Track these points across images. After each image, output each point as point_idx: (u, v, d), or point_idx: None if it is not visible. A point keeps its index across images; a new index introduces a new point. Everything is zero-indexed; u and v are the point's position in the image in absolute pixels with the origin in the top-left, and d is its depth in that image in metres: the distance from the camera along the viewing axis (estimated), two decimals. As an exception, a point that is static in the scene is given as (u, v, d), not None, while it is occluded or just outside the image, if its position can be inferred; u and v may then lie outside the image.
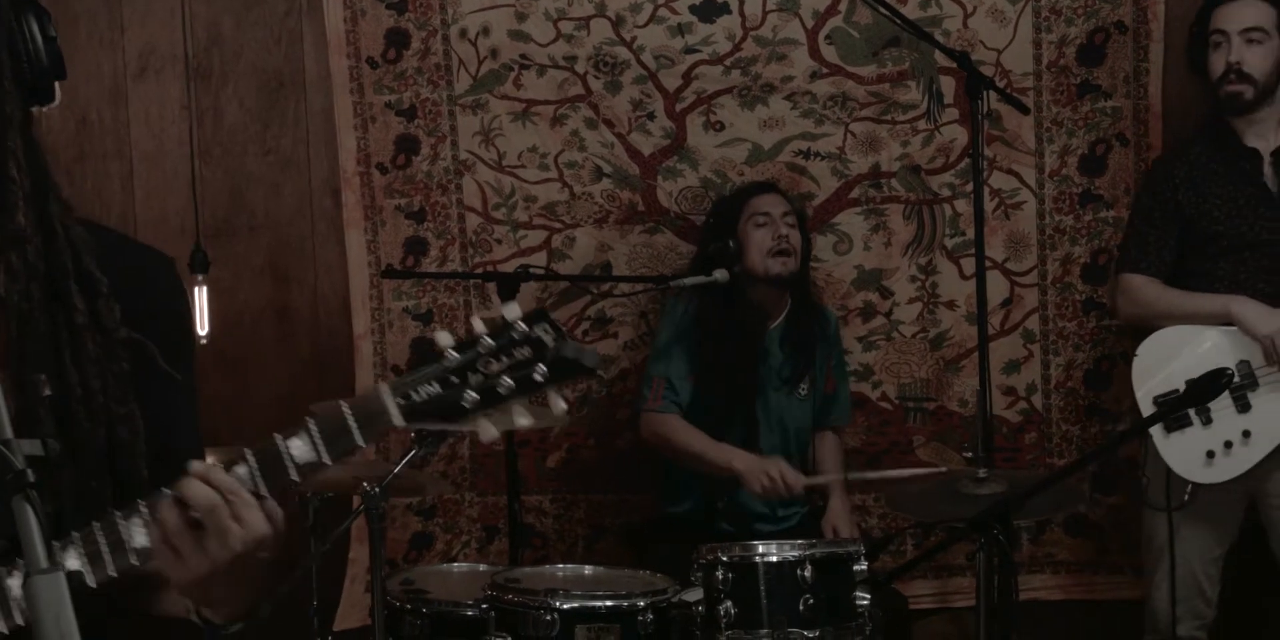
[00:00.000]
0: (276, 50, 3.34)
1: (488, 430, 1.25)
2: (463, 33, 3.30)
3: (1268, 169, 2.86)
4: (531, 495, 3.34)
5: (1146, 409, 2.84)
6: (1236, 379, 2.76)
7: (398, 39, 3.31)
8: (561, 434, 3.35)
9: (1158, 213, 2.92)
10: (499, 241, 3.34)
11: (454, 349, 1.22)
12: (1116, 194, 3.27)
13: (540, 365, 1.23)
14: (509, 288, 2.97)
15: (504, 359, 1.22)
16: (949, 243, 3.31)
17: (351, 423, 1.21)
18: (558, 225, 3.35)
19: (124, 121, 3.33)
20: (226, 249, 3.32)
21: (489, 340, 1.22)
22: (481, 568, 2.68)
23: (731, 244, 2.96)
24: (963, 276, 3.28)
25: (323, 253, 3.37)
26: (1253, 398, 2.78)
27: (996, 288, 3.28)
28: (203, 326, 3.06)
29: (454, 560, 3.25)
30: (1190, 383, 2.09)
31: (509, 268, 3.26)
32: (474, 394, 1.21)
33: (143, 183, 3.35)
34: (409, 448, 2.39)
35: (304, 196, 3.37)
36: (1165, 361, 2.84)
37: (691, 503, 3.05)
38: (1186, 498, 2.79)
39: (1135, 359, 2.90)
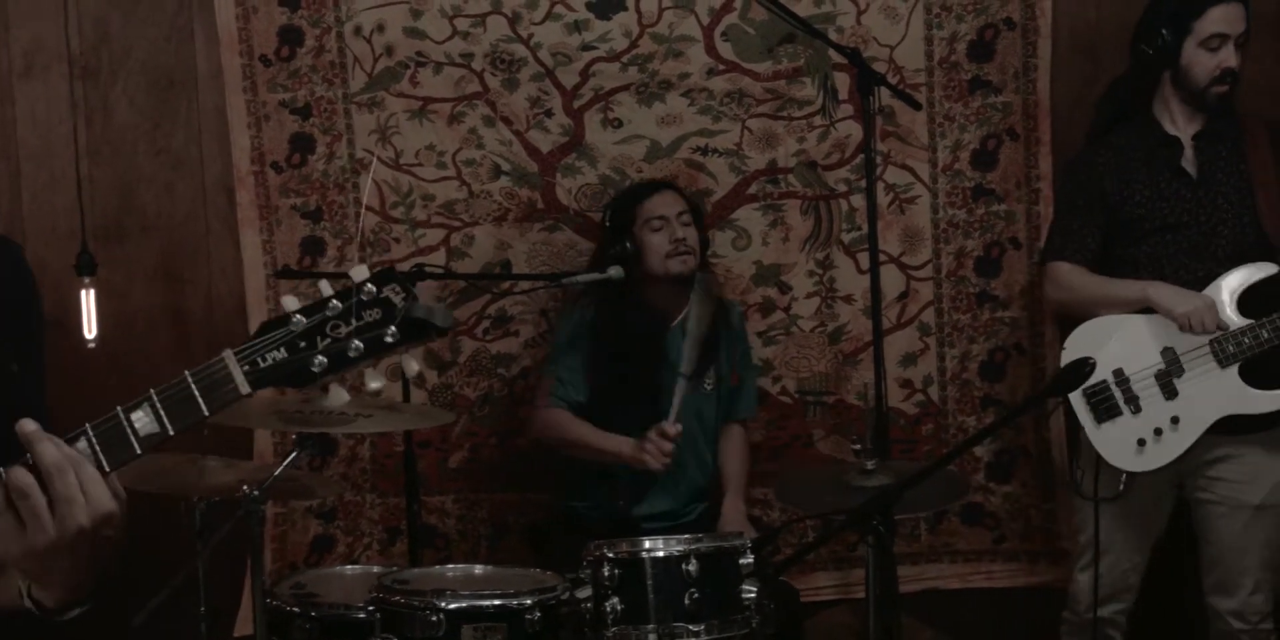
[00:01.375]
0: (167, 47, 3.29)
1: (339, 395, 1.25)
2: (357, 30, 3.27)
3: (1188, 155, 2.92)
4: (434, 496, 3.33)
5: (1076, 400, 2.87)
6: (1162, 366, 2.84)
7: (291, 36, 3.27)
8: (463, 433, 3.34)
9: (1082, 201, 2.97)
10: (397, 240, 3.32)
11: (300, 313, 1.22)
12: (1008, 188, 3.32)
13: (391, 327, 1.23)
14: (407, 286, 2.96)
15: (353, 321, 1.22)
16: (846, 237, 3.35)
17: (195, 392, 1.19)
18: (456, 223, 3.33)
19: (9, 121, 3.27)
20: (118, 250, 3.26)
21: (337, 303, 1.22)
22: (376, 569, 2.66)
23: (629, 247, 2.98)
24: (860, 271, 3.31)
25: (217, 253, 3.32)
26: (1179, 384, 2.83)
27: (892, 282, 3.32)
28: (90, 329, 3.00)
29: (356, 563, 3.23)
30: (1055, 375, 2.12)
31: (408, 267, 3.24)
32: (323, 358, 1.21)
33: (29, 184, 3.28)
34: (290, 449, 2.36)
35: (197, 196, 3.32)
36: (1093, 351, 2.85)
37: (594, 499, 3.06)
38: (1122, 487, 2.84)
39: (1064, 350, 2.93)
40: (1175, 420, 2.82)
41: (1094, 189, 2.94)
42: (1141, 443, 2.83)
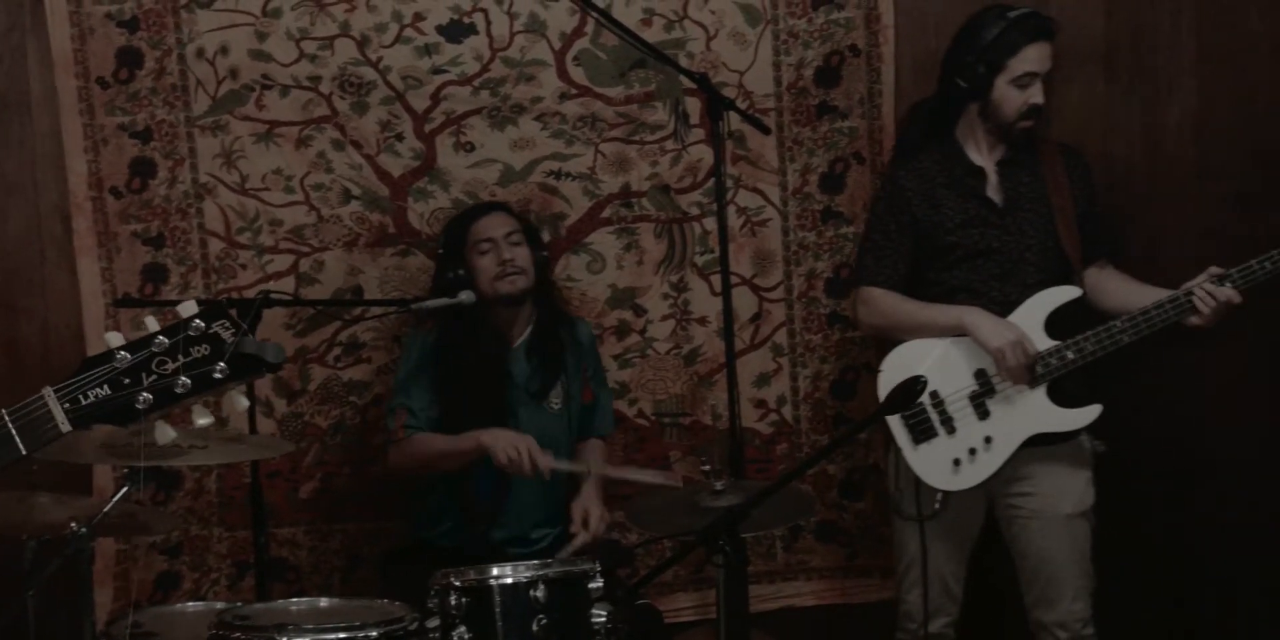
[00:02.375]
0: (-2, 68, 3.17)
1: (164, 432, 1.22)
2: (200, 52, 3.20)
3: (993, 182, 3.01)
4: (284, 528, 3.25)
5: (893, 423, 2.93)
6: (976, 388, 2.92)
7: (130, 58, 3.18)
8: (315, 463, 3.27)
9: (893, 225, 3.03)
10: (244, 266, 3.25)
11: (125, 349, 1.19)
12: (855, 210, 3.40)
13: (219, 363, 1.21)
14: (251, 314, 2.90)
15: (180, 357, 1.20)
16: (699, 260, 3.38)
17: (12, 431, 1.16)
18: (305, 249, 3.27)
19: None
20: (-53, 280, 3.13)
21: (164, 339, 1.20)
22: (219, 606, 2.58)
23: (462, 273, 2.97)
24: (713, 293, 3.34)
25: (53, 282, 3.20)
26: (991, 404, 2.91)
27: (745, 303, 3.37)
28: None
29: (203, 599, 3.13)
30: (888, 394, 2.16)
31: (254, 293, 3.17)
32: (148, 395, 1.18)
33: None
34: (119, 484, 2.28)
35: (31, 223, 3.20)
36: (908, 374, 2.93)
37: (447, 527, 3.02)
38: (938, 506, 2.90)
39: (880, 373, 2.99)
40: (988, 440, 2.90)
41: (904, 214, 3.01)
42: (957, 462, 2.91)
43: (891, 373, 2.95)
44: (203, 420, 1.27)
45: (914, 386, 2.03)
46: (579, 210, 3.35)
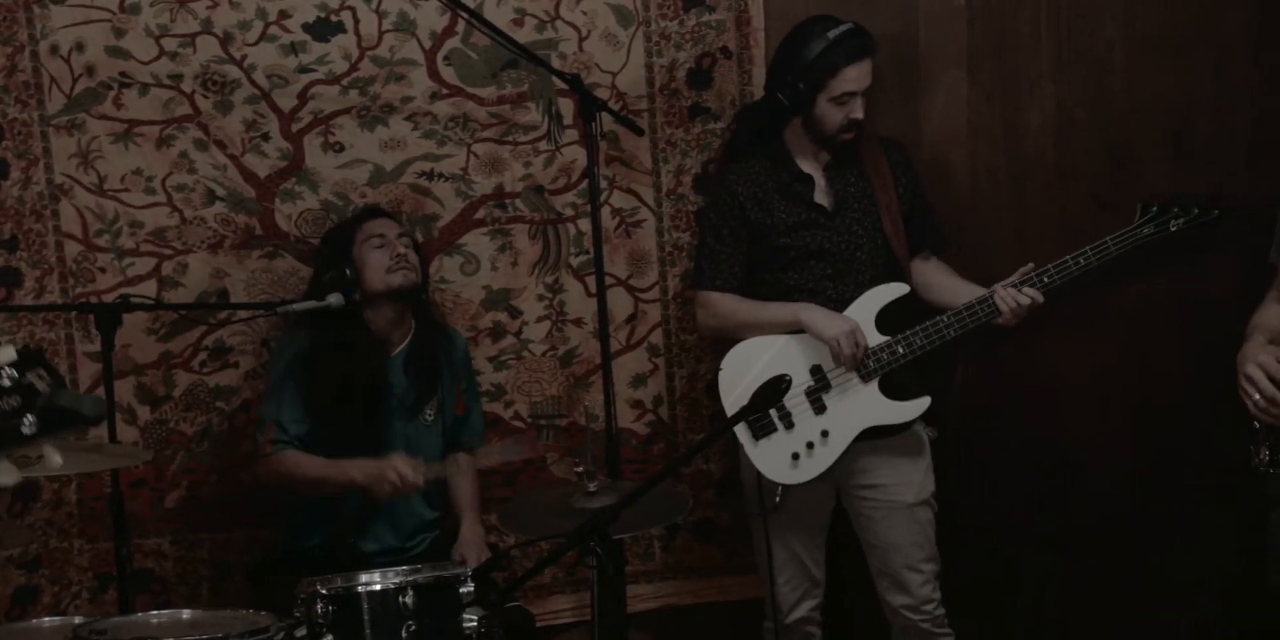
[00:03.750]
0: None
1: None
2: (54, 49, 3.09)
3: (821, 186, 3.09)
4: (149, 538, 3.16)
5: None
6: (812, 383, 2.98)
7: (-21, 54, 3.07)
8: (180, 471, 3.19)
9: (726, 230, 3.09)
10: (103, 270, 3.15)
11: None
12: (729, 211, 3.42)
13: (28, 416, 1.14)
14: (109, 319, 2.82)
15: None
16: (574, 261, 3.37)
17: None
18: (168, 251, 3.18)
19: None
20: None
21: None
22: (77, 621, 2.49)
23: (348, 272, 2.91)
24: (589, 294, 3.34)
25: (-102, 287, 3.07)
26: (827, 399, 2.99)
27: (621, 304, 3.37)
28: None
29: (63, 613, 3.02)
30: (755, 392, 2.19)
31: (114, 298, 3.08)
32: None
33: None
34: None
35: (-126, 225, 3.06)
36: (746, 373, 3.01)
37: (320, 536, 2.97)
38: (778, 500, 2.98)
39: (720, 372, 3.05)
40: (825, 434, 2.98)
41: (737, 218, 3.08)
42: (795, 457, 2.98)
43: (731, 371, 3.04)
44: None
45: (779, 385, 2.06)
46: (452, 211, 3.31)
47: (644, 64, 3.36)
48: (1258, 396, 2.43)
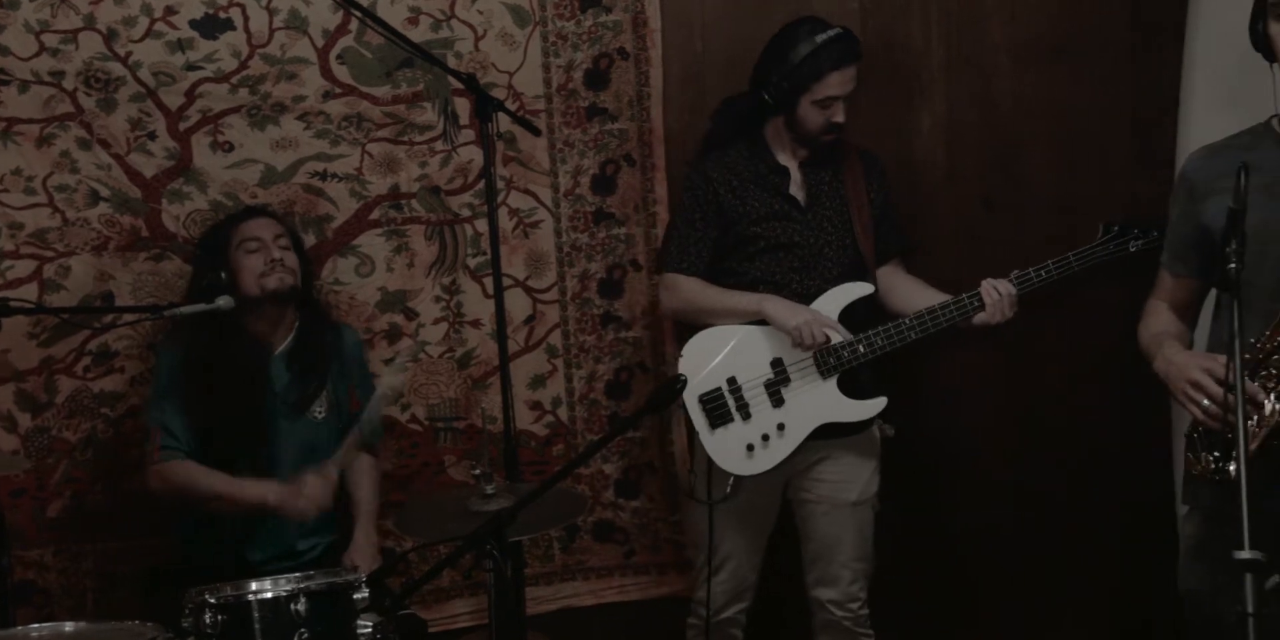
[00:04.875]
0: None
1: None
2: (-74, 43, 2.99)
3: (796, 180, 3.11)
4: (31, 549, 3.07)
5: (692, 406, 2.99)
6: (771, 376, 2.99)
7: None
8: (64, 479, 3.10)
9: (698, 214, 3.11)
10: (-20, 273, 3.05)
11: None
12: (627, 212, 3.42)
13: None
14: (-13, 323, 2.72)
15: None
16: (472, 262, 3.35)
17: None
18: (49, 253, 3.09)
19: None
20: None
21: None
22: (-47, 637, 2.41)
23: (224, 275, 2.86)
24: (486, 295, 3.32)
25: None
26: (785, 393, 3.01)
27: (519, 305, 3.35)
28: None
29: (-60, 629, 2.92)
30: (650, 393, 2.20)
31: (-7, 301, 2.97)
32: None
33: None
34: None
35: None
36: (707, 361, 3.02)
37: (204, 544, 2.91)
38: (729, 490, 2.98)
39: (680, 359, 3.05)
40: (781, 427, 3.00)
41: (711, 204, 3.10)
42: (750, 448, 2.99)
43: (691, 358, 3.04)
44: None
45: (673, 386, 2.07)
46: (346, 212, 3.27)
47: (541, 64, 3.34)
48: (1206, 402, 2.32)
